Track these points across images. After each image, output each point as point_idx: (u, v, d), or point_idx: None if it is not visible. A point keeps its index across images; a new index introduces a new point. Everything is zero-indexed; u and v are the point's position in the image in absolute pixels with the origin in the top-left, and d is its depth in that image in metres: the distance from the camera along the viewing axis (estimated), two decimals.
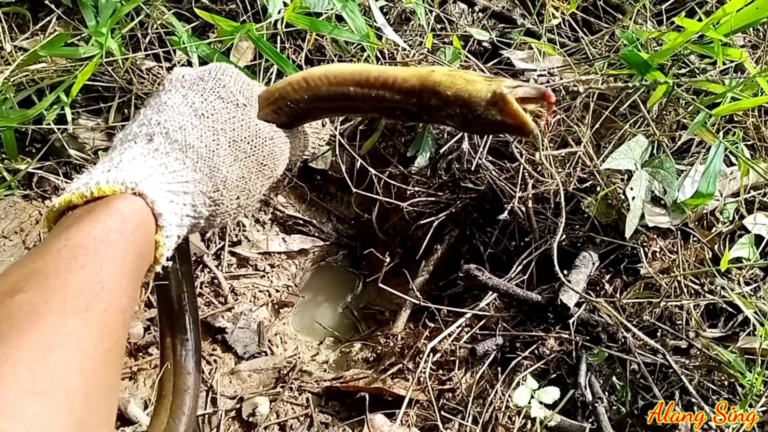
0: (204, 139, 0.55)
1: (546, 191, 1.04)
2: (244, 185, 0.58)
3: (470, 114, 0.52)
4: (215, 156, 0.55)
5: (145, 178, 0.49)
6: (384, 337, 1.03)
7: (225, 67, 0.60)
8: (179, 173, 0.53)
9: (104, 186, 0.48)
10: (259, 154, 0.58)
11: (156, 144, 0.53)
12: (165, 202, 0.50)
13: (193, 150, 0.54)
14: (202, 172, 0.54)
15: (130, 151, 0.53)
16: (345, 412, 0.93)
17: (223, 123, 0.57)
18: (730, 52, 1.05)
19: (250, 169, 0.58)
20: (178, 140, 0.54)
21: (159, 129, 0.54)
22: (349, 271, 1.27)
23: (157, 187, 0.50)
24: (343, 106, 0.60)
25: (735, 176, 1.07)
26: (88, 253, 0.43)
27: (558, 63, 1.18)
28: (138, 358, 0.97)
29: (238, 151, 0.57)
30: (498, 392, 0.89)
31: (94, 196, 0.47)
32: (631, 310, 0.97)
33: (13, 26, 1.06)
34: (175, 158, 0.53)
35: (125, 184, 0.48)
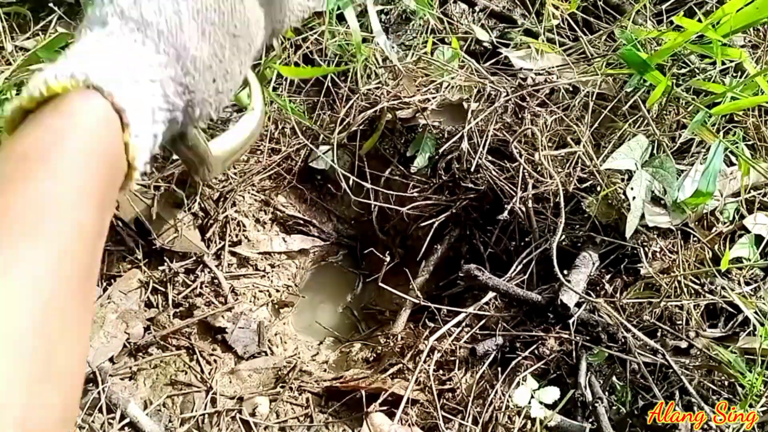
0: (164, 12, 0.46)
1: (546, 191, 1.04)
2: (219, 64, 0.50)
3: None
4: (179, 33, 0.46)
5: (100, 68, 0.41)
6: (384, 337, 1.03)
7: None
8: (141, 57, 0.44)
9: (52, 83, 0.39)
10: (230, 23, 0.50)
11: (111, 27, 0.45)
12: (127, 94, 0.42)
13: (152, 28, 0.45)
14: (167, 53, 0.46)
15: (83, 41, 0.45)
16: (345, 412, 0.93)
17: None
18: (729, 52, 1.05)
19: (222, 45, 0.49)
20: (134, 18, 0.45)
21: (113, 9, 0.46)
22: (349, 271, 1.27)
23: (115, 77, 0.41)
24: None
25: (735, 176, 1.07)
26: (32, 164, 0.36)
27: (557, 62, 1.18)
28: (138, 358, 0.97)
29: (205, 24, 0.48)
30: (498, 392, 0.89)
31: (45, 97, 0.39)
32: (631, 310, 0.97)
33: (14, 26, 1.07)
34: (134, 40, 0.45)
35: (75, 77, 0.40)
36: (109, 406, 0.89)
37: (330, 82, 1.19)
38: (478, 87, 1.13)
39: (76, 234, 0.35)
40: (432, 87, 1.15)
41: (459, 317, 0.98)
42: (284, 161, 1.21)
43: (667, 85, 1.01)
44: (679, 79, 1.10)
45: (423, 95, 1.14)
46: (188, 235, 1.08)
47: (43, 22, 1.08)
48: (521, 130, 1.07)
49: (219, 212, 1.12)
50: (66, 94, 0.39)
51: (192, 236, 1.09)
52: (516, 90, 1.12)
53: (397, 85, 1.15)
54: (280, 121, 1.21)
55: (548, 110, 1.11)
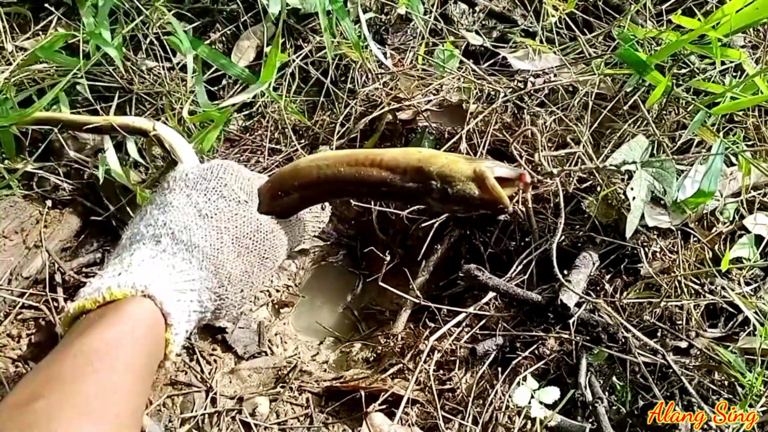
0: (208, 238, 0.57)
1: (546, 191, 1.04)
2: (248, 279, 0.60)
3: (450, 189, 0.54)
4: (219, 254, 0.57)
5: (154, 280, 0.52)
6: (384, 337, 1.03)
7: (226, 165, 0.63)
8: (186, 272, 0.55)
9: (116, 290, 0.50)
10: (261, 248, 0.61)
11: (163, 245, 0.56)
12: (173, 301, 0.52)
13: (198, 250, 0.56)
14: (208, 269, 0.57)
15: (139, 253, 0.55)
16: (345, 412, 0.93)
17: (227, 222, 0.59)
18: (729, 52, 1.05)
19: (253, 264, 0.61)
20: (183, 241, 0.56)
21: (165, 230, 0.57)
22: (349, 271, 1.27)
23: (165, 288, 0.52)
24: (334, 190, 0.62)
25: (735, 176, 1.07)
26: (101, 358, 0.46)
27: (555, 62, 1.18)
28: None
29: (241, 247, 0.60)
30: (498, 392, 0.89)
31: (107, 301, 0.50)
32: (632, 311, 0.97)
33: (14, 26, 1.07)
34: (182, 258, 0.56)
35: (135, 288, 0.51)
36: None
37: (330, 83, 1.19)
38: (477, 88, 1.13)
39: (130, 417, 0.46)
40: (431, 88, 1.15)
41: (459, 317, 0.98)
42: (284, 161, 1.21)
43: (667, 85, 1.01)
44: (679, 79, 1.10)
45: (423, 96, 1.14)
46: None
47: (43, 23, 1.08)
48: (521, 130, 1.07)
49: None
50: (125, 300, 0.50)
51: None
52: (515, 90, 1.12)
53: (397, 87, 1.15)
54: (280, 121, 1.21)
55: (548, 111, 1.11)
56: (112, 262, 0.56)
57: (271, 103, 1.19)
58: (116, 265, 0.55)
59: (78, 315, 0.51)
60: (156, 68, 1.11)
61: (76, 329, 0.50)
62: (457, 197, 0.54)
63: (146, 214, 0.61)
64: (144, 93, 1.07)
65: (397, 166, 0.57)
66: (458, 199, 0.55)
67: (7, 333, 0.93)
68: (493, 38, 1.28)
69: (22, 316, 0.95)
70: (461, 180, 0.54)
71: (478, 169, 0.54)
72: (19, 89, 1.00)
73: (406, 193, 0.57)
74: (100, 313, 0.50)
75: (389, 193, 0.58)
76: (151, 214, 0.60)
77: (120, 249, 0.58)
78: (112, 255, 0.59)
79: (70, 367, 0.45)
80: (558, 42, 1.23)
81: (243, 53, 1.18)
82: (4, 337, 0.92)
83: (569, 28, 1.26)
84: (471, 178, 0.54)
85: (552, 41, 1.23)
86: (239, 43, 1.18)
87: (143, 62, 1.11)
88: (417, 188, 0.56)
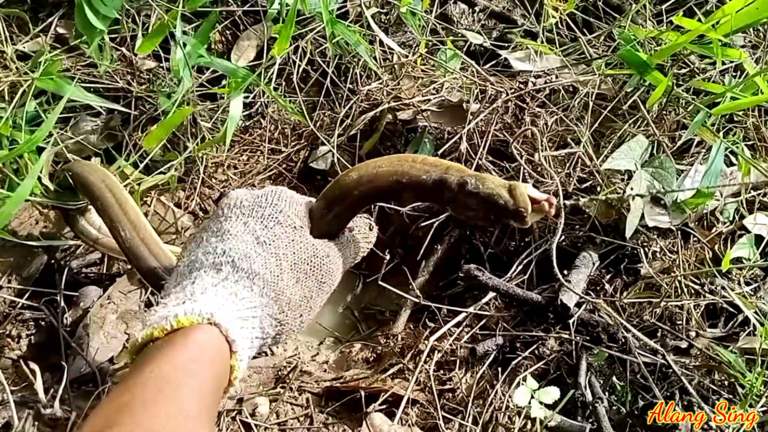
0: (268, 266, 0.59)
1: (546, 191, 1.04)
2: (307, 303, 0.62)
3: (482, 185, 0.57)
4: (279, 281, 0.59)
5: (219, 308, 0.53)
6: (384, 337, 1.03)
7: (280, 191, 0.65)
8: (248, 300, 0.57)
9: (182, 318, 0.52)
10: (318, 273, 0.63)
11: (224, 273, 0.57)
12: (237, 328, 0.54)
13: (259, 277, 0.58)
14: (268, 296, 0.58)
15: (200, 281, 0.57)
16: (345, 412, 0.93)
17: (284, 248, 0.61)
18: (729, 52, 1.05)
19: (311, 288, 0.62)
20: (244, 269, 0.58)
21: (225, 258, 0.58)
22: (349, 271, 1.26)
23: (229, 316, 0.54)
24: (372, 192, 0.64)
25: (735, 176, 1.07)
26: (171, 384, 0.48)
27: (556, 63, 1.18)
28: None
29: (299, 273, 0.61)
30: (498, 392, 0.89)
31: (174, 328, 0.52)
32: (632, 311, 0.97)
33: (13, 26, 1.07)
34: (243, 286, 0.57)
35: (202, 315, 0.52)
36: None
37: (330, 83, 1.19)
38: (478, 88, 1.13)
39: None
40: (432, 88, 1.15)
41: (459, 317, 0.99)
42: (284, 161, 1.21)
43: (667, 85, 1.01)
44: (679, 79, 1.10)
45: (423, 96, 1.14)
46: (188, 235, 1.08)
47: (44, 24, 1.08)
48: (521, 130, 1.07)
49: None
50: (192, 327, 0.52)
51: None
52: (516, 91, 1.12)
53: (398, 86, 1.15)
54: (280, 121, 1.21)
55: (548, 111, 1.11)
56: (173, 290, 0.57)
57: (271, 103, 1.19)
58: (179, 293, 0.56)
59: (146, 343, 0.53)
60: (155, 68, 1.11)
61: (145, 356, 0.51)
62: (487, 196, 0.57)
63: (203, 242, 0.62)
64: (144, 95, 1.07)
65: (436, 161, 0.61)
66: (486, 199, 0.57)
67: (7, 333, 0.93)
68: (493, 38, 1.28)
69: (22, 317, 0.95)
70: (494, 183, 0.58)
71: (512, 183, 0.58)
72: (22, 96, 1.00)
73: (440, 186, 0.59)
74: (167, 341, 0.51)
75: (425, 186, 0.60)
76: (209, 242, 0.61)
77: (179, 277, 0.59)
78: (171, 282, 0.60)
79: (141, 394, 0.46)
80: (558, 42, 1.23)
81: (243, 52, 1.18)
82: (4, 337, 0.92)
83: (570, 29, 1.26)
84: (503, 186, 0.58)
85: (552, 42, 1.23)
86: (239, 42, 1.18)
87: (143, 63, 1.11)
88: (451, 183, 0.58)
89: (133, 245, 0.80)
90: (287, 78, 1.18)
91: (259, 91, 1.18)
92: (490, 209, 0.58)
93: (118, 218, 0.83)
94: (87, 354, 0.92)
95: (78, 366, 0.91)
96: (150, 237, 0.82)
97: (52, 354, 0.92)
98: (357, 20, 1.15)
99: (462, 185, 0.58)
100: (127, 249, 0.81)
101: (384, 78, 1.16)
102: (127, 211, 0.84)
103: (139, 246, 0.80)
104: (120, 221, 0.83)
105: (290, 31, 0.97)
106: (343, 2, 1.18)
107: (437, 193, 0.60)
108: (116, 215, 0.83)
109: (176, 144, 1.10)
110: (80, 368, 0.91)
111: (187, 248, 0.64)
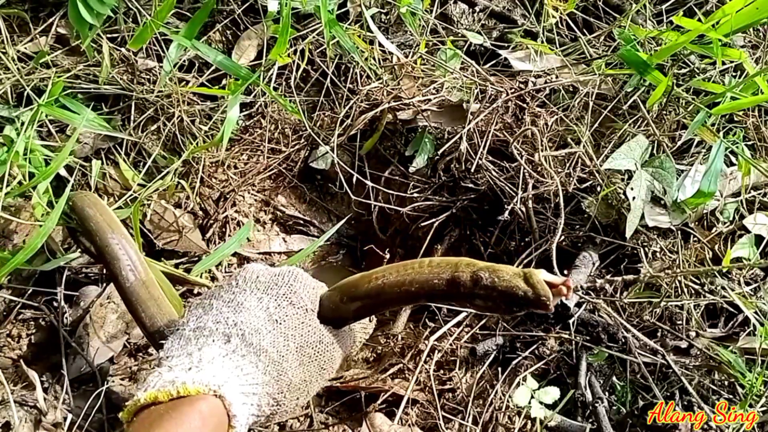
0: (276, 344, 0.60)
1: (546, 191, 1.04)
2: (305, 387, 0.63)
3: (497, 280, 0.57)
4: (284, 361, 0.60)
5: (226, 381, 0.54)
6: (384, 337, 1.03)
7: (296, 273, 0.66)
8: (251, 376, 0.57)
9: (190, 386, 0.52)
10: (321, 359, 0.64)
11: (233, 345, 0.58)
12: (239, 404, 0.55)
13: (266, 354, 0.59)
14: (271, 375, 0.59)
15: (208, 350, 0.57)
16: (345, 412, 0.93)
17: (294, 329, 0.62)
18: (729, 52, 1.05)
19: (312, 373, 0.63)
20: (253, 344, 0.59)
21: (236, 330, 0.59)
22: (349, 271, 1.27)
23: (234, 390, 0.55)
24: (389, 297, 0.64)
25: (735, 176, 1.07)
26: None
27: (556, 63, 1.18)
28: (138, 359, 0.97)
29: (304, 356, 0.62)
30: (498, 392, 0.89)
31: (180, 395, 0.52)
32: (632, 311, 0.97)
33: (14, 26, 1.07)
34: (250, 361, 0.58)
35: (209, 386, 0.53)
36: (109, 406, 0.89)
37: (330, 83, 1.19)
38: (478, 88, 1.13)
39: None
40: (432, 88, 1.15)
41: (459, 317, 0.99)
42: (284, 161, 1.21)
43: (667, 85, 1.01)
44: (679, 79, 1.10)
45: (423, 96, 1.14)
46: (188, 235, 1.08)
47: (45, 24, 1.08)
48: (521, 130, 1.07)
49: (219, 212, 1.12)
50: (197, 397, 0.52)
51: (192, 236, 1.09)
52: (516, 91, 1.12)
53: (398, 86, 1.15)
54: (280, 121, 1.21)
55: (548, 111, 1.11)
56: (177, 354, 0.58)
57: (271, 103, 1.19)
58: (184, 359, 0.56)
59: (148, 405, 0.52)
60: (155, 68, 1.11)
61: (147, 419, 0.52)
62: (504, 290, 0.57)
63: (213, 310, 0.62)
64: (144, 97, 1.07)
65: (447, 262, 0.61)
66: (504, 293, 0.57)
67: (7, 333, 0.93)
68: (493, 38, 1.28)
69: (22, 317, 0.95)
70: (509, 274, 0.57)
71: (527, 270, 0.58)
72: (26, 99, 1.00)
73: (453, 285, 0.59)
74: (171, 407, 0.52)
75: (438, 289, 0.60)
76: (221, 311, 0.61)
77: (184, 341, 0.60)
78: (174, 344, 0.60)
79: None
80: (558, 42, 1.23)
81: (243, 52, 1.18)
82: (4, 337, 0.92)
83: (570, 29, 1.26)
84: (518, 275, 0.57)
85: (552, 42, 1.23)
86: (240, 42, 1.18)
87: (143, 63, 1.11)
88: (465, 281, 0.58)
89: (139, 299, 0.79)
90: (287, 78, 1.18)
91: (259, 91, 1.18)
92: (511, 302, 0.57)
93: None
94: (87, 354, 0.92)
95: (78, 366, 0.91)
96: (154, 290, 0.80)
97: (52, 354, 0.92)
98: (357, 20, 1.15)
99: (476, 281, 0.58)
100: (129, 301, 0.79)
101: (384, 78, 1.16)
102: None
103: (147, 300, 0.79)
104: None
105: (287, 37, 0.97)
106: (344, 2, 1.18)
107: (453, 293, 0.60)
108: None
109: (177, 144, 1.10)
110: (80, 368, 0.91)
111: (192, 312, 0.64)
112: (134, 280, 0.77)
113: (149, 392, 0.52)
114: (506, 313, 0.67)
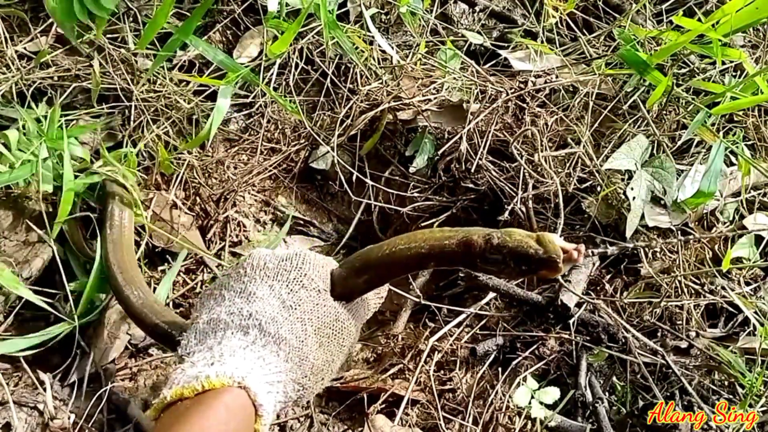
0: (294, 330, 0.60)
1: (546, 191, 1.04)
2: (328, 367, 0.64)
3: (509, 239, 0.57)
4: (304, 346, 0.60)
5: (249, 373, 0.54)
6: (384, 337, 1.03)
7: (305, 255, 0.65)
8: (274, 365, 0.58)
9: (214, 380, 0.52)
10: (340, 337, 0.64)
11: (252, 337, 0.58)
12: (264, 393, 0.55)
13: (285, 342, 0.59)
14: (293, 361, 0.59)
15: (228, 343, 0.58)
16: (345, 412, 0.93)
17: (309, 313, 0.62)
18: (729, 52, 1.05)
19: (333, 352, 0.64)
20: (271, 333, 0.59)
21: (252, 321, 0.59)
22: None
23: (258, 380, 0.55)
24: (399, 263, 0.64)
25: (735, 176, 1.07)
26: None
27: (556, 63, 1.18)
28: (138, 359, 0.97)
29: (323, 337, 0.62)
30: (498, 392, 0.89)
31: (205, 389, 0.52)
32: (632, 311, 0.97)
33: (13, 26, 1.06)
34: (270, 351, 0.58)
35: (233, 378, 0.53)
36: (110, 406, 0.89)
37: (330, 83, 1.19)
38: (478, 88, 1.13)
39: None
40: (432, 88, 1.15)
41: (459, 317, 0.99)
42: (284, 162, 1.21)
43: (667, 85, 1.01)
44: (679, 79, 1.10)
45: (423, 96, 1.14)
46: (189, 236, 1.08)
47: (45, 24, 1.07)
48: (521, 130, 1.07)
49: (219, 213, 1.12)
50: (222, 390, 0.52)
51: (193, 236, 1.09)
52: (516, 91, 1.12)
53: (398, 86, 1.15)
54: (280, 121, 1.21)
55: (548, 111, 1.11)
56: (198, 349, 0.58)
57: (271, 103, 1.19)
58: (205, 353, 0.57)
59: (174, 401, 0.53)
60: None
61: (173, 414, 0.52)
62: (515, 248, 0.57)
63: (225, 301, 0.62)
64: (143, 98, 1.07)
65: (459, 229, 0.61)
66: (515, 251, 0.57)
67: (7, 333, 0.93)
68: (493, 38, 1.28)
69: (22, 317, 0.95)
70: (521, 235, 0.58)
71: (540, 233, 0.58)
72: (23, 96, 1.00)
73: (465, 245, 0.59)
74: (197, 401, 0.52)
75: (448, 250, 0.60)
76: (233, 302, 0.61)
77: (201, 335, 0.60)
78: (192, 339, 0.60)
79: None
80: (558, 42, 1.23)
81: (245, 50, 1.18)
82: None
83: (570, 29, 1.26)
84: (530, 236, 0.58)
85: (552, 41, 1.23)
86: (242, 41, 1.18)
87: (143, 63, 1.11)
88: (476, 240, 0.58)
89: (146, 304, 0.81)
90: (287, 78, 1.18)
91: (259, 91, 1.18)
92: (521, 261, 0.57)
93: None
94: (91, 354, 0.92)
95: (81, 366, 0.91)
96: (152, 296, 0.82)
97: (51, 354, 0.92)
98: (357, 20, 1.15)
99: (488, 240, 0.58)
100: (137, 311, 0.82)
101: (384, 78, 1.16)
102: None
103: (153, 304, 0.81)
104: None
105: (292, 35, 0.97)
106: (344, 2, 1.18)
107: (464, 252, 0.59)
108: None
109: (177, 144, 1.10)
110: (84, 368, 0.91)
111: (204, 304, 0.64)
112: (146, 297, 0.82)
113: (174, 389, 0.52)
114: (517, 275, 0.66)
